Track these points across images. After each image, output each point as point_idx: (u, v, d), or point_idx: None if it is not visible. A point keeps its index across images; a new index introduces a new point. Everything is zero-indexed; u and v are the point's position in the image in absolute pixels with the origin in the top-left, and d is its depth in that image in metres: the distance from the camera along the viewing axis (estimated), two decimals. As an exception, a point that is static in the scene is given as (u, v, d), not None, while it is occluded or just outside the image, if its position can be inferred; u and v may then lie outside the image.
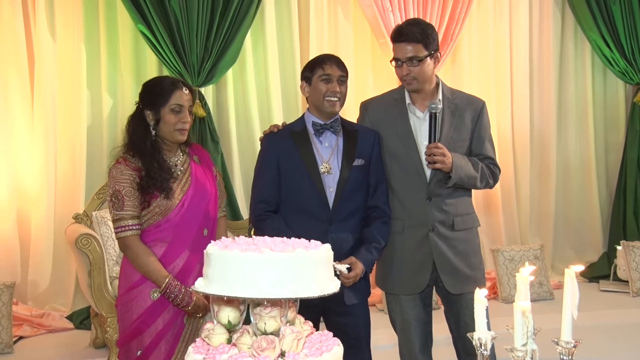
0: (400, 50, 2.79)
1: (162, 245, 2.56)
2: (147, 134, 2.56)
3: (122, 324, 2.61)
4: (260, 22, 5.23)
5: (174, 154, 2.63)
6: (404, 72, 2.79)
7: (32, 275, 4.82)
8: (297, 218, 2.71)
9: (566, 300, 1.71)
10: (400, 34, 2.79)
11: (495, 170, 2.92)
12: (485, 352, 1.75)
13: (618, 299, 5.26)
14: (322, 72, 2.70)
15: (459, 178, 2.76)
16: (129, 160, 2.55)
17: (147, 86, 2.64)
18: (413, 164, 2.81)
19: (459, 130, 2.84)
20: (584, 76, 6.09)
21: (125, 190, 2.51)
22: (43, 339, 4.54)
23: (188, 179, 2.62)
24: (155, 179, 2.52)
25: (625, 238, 5.72)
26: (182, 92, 2.58)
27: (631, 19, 5.80)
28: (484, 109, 2.92)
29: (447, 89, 2.93)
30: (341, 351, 1.74)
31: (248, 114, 5.27)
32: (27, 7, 4.79)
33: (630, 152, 5.93)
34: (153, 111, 2.56)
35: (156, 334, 2.55)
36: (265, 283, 1.63)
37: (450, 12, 5.41)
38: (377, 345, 2.96)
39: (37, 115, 4.82)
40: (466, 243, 2.87)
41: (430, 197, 2.81)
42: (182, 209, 2.57)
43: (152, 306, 2.54)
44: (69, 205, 4.81)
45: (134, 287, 2.56)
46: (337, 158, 2.74)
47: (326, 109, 2.71)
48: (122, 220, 2.51)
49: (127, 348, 2.58)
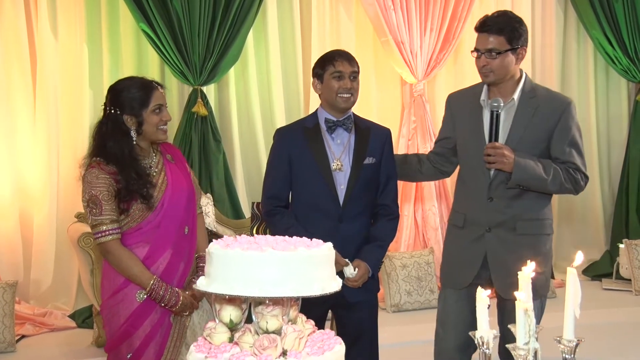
0: (481, 41, 2.72)
1: (144, 247, 2.53)
2: (125, 141, 2.51)
3: (110, 329, 2.57)
4: (262, 20, 5.22)
5: (148, 156, 2.60)
6: (481, 64, 2.72)
7: (34, 274, 4.83)
8: (308, 214, 2.72)
9: (568, 298, 1.70)
10: (484, 24, 2.72)
11: (577, 175, 2.72)
12: (487, 350, 1.74)
13: (620, 298, 5.26)
14: (334, 69, 2.68)
15: (521, 179, 2.66)
16: (103, 164, 2.50)
17: (119, 91, 2.55)
18: (479, 162, 2.74)
19: (534, 130, 2.71)
20: (586, 74, 6.09)
21: (102, 195, 2.47)
22: (45, 338, 4.55)
23: (164, 179, 2.59)
24: (134, 191, 2.48)
25: (627, 236, 5.72)
26: (159, 90, 2.56)
27: (634, 17, 5.79)
28: (568, 110, 2.72)
29: (530, 85, 2.78)
30: (343, 350, 1.74)
31: (250, 113, 5.27)
32: (30, 7, 4.79)
33: (633, 150, 5.93)
34: (133, 115, 2.51)
35: (145, 336, 2.53)
36: (267, 282, 1.63)
37: (452, 10, 5.40)
38: (380, 343, 2.96)
39: (39, 114, 4.82)
40: (531, 249, 2.66)
41: (491, 198, 2.74)
42: (162, 209, 2.55)
43: (139, 308, 2.52)
44: (72, 204, 4.80)
45: (119, 291, 2.53)
46: (349, 155, 2.74)
47: (339, 105, 2.71)
48: (101, 225, 2.48)
49: (116, 352, 2.55)
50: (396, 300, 4.91)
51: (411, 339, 4.29)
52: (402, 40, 5.30)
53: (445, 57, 5.45)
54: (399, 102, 5.61)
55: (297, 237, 1.81)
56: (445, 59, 5.45)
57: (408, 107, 5.48)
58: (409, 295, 4.92)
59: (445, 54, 5.43)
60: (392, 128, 5.61)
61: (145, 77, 2.62)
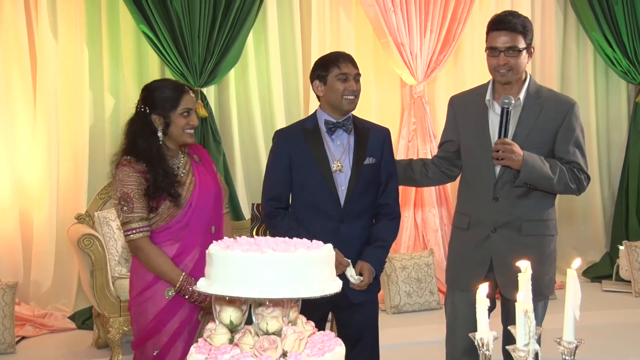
0: (499, 39, 2.71)
1: (173, 246, 2.57)
2: (153, 140, 2.57)
3: (138, 326, 2.61)
4: (262, 22, 5.23)
5: (176, 156, 2.65)
6: (500, 62, 2.71)
7: (34, 275, 4.83)
8: (309, 216, 2.72)
9: (568, 300, 1.71)
10: (501, 22, 2.73)
11: (581, 175, 2.77)
12: (487, 352, 1.75)
13: (620, 299, 5.26)
14: (339, 71, 2.69)
15: (530, 177, 2.67)
16: (134, 163, 2.55)
17: (151, 91, 2.62)
18: (484, 161, 2.76)
19: (539, 131, 2.73)
20: (586, 76, 6.09)
21: (133, 193, 2.51)
22: (45, 339, 4.54)
23: (192, 180, 2.64)
24: (162, 188, 2.53)
25: (627, 238, 5.71)
26: (189, 95, 2.61)
27: (633, 19, 5.79)
28: (572, 111, 2.76)
29: (534, 86, 2.82)
30: (343, 351, 1.74)
31: (250, 115, 5.27)
32: (30, 8, 4.79)
33: (633, 152, 5.93)
34: (162, 116, 2.57)
35: (173, 333, 2.56)
36: (267, 283, 1.63)
37: (452, 11, 5.40)
38: (380, 345, 2.96)
39: (39, 115, 4.82)
40: (536, 250, 2.74)
41: (497, 198, 2.75)
42: (190, 209, 2.59)
43: (168, 305, 2.56)
44: (71, 205, 4.81)
45: (148, 288, 2.57)
46: (349, 156, 2.74)
47: (344, 107, 2.72)
48: (132, 222, 2.52)
49: (142, 349, 2.59)
50: (396, 302, 4.91)
51: (411, 341, 4.30)
52: (402, 41, 5.31)
53: (445, 59, 5.45)
54: (398, 103, 5.61)
55: (297, 239, 1.82)
56: (445, 61, 5.46)
57: (408, 108, 5.49)
58: (408, 296, 4.92)
59: (445, 56, 5.44)
60: (392, 129, 5.60)
61: (178, 81, 2.69)
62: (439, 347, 3.07)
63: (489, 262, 2.78)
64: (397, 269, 4.95)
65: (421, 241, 5.47)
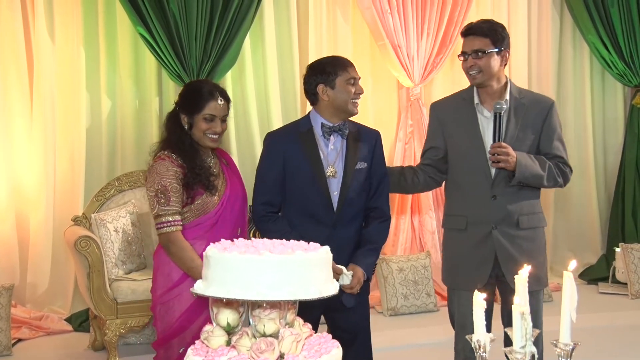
0: (467, 44, 2.86)
1: (202, 243, 2.59)
2: (183, 135, 2.66)
3: (163, 324, 2.63)
4: (259, 24, 5.23)
5: (207, 155, 2.73)
6: (468, 65, 2.84)
7: (30, 277, 4.81)
8: (302, 221, 2.72)
9: (565, 302, 1.71)
10: (468, 29, 2.88)
11: (566, 169, 2.93)
12: (483, 354, 1.75)
13: (617, 301, 5.26)
14: (349, 75, 2.72)
15: (524, 177, 2.80)
16: (172, 158, 2.62)
17: (186, 90, 2.75)
18: (479, 163, 2.87)
19: (525, 130, 2.88)
20: (582, 79, 6.10)
21: (172, 186, 2.57)
22: (41, 342, 4.53)
23: (224, 180, 2.72)
24: (200, 175, 2.60)
25: (623, 240, 5.73)
26: (217, 102, 2.66)
27: (629, 22, 5.81)
28: (552, 109, 2.94)
29: (515, 88, 2.96)
30: (340, 353, 1.74)
31: (247, 117, 5.27)
32: (27, 10, 4.79)
33: (629, 154, 5.94)
34: (187, 116, 2.66)
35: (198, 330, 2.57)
36: (264, 285, 1.63)
37: (449, 14, 5.42)
38: (377, 347, 2.96)
39: (36, 117, 4.82)
40: (531, 242, 2.91)
41: (494, 196, 2.86)
42: (222, 207, 2.67)
43: (194, 303, 2.58)
44: (68, 207, 4.80)
45: (175, 286, 2.61)
46: (342, 161, 2.75)
47: (352, 111, 2.74)
48: (167, 215, 2.57)
49: (168, 346, 2.61)
50: (393, 304, 4.91)
51: (408, 343, 4.30)
52: (399, 44, 5.32)
53: (442, 61, 5.46)
54: (395, 106, 5.62)
55: (294, 241, 1.82)
56: (442, 63, 5.47)
57: (405, 111, 5.50)
58: (405, 298, 4.93)
59: (442, 58, 5.45)
60: (388, 132, 5.68)
61: (217, 85, 2.78)
62: (436, 349, 3.08)
63: (492, 259, 2.86)
64: (393, 271, 4.95)
65: (418, 243, 5.48)
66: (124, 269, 4.16)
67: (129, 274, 4.16)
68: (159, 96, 5.07)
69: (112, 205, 4.38)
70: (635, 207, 5.91)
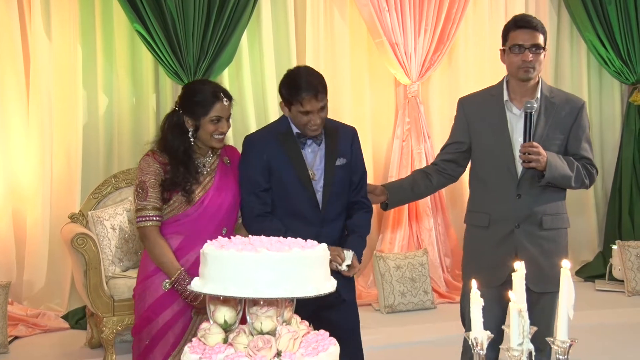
0: (526, 37, 2.80)
1: (178, 238, 2.66)
2: (183, 139, 2.66)
3: (137, 313, 2.71)
4: (257, 22, 5.22)
5: (204, 155, 2.73)
6: (528, 58, 2.79)
7: (27, 275, 4.81)
8: (289, 221, 2.74)
9: (562, 299, 1.71)
10: (528, 21, 2.84)
11: (592, 170, 2.92)
12: (481, 351, 1.75)
13: (613, 299, 5.27)
14: (302, 108, 2.65)
15: (553, 177, 2.78)
16: (157, 154, 2.66)
17: (188, 92, 2.71)
18: (505, 160, 2.85)
19: (554, 129, 2.87)
20: (579, 76, 6.10)
21: (150, 182, 2.61)
22: (38, 339, 4.52)
23: (212, 179, 2.70)
24: (177, 184, 2.62)
25: (620, 237, 5.73)
26: (223, 103, 2.66)
27: (626, 19, 5.81)
28: (582, 109, 2.94)
29: (546, 87, 2.94)
30: (337, 350, 1.74)
31: (244, 114, 5.26)
32: (23, 7, 4.77)
33: (626, 152, 5.95)
34: (192, 119, 2.65)
35: (164, 324, 2.64)
36: (262, 282, 1.63)
37: (447, 12, 5.41)
38: (374, 345, 2.97)
39: (32, 114, 4.81)
40: (553, 243, 2.89)
41: (519, 194, 2.85)
42: (201, 206, 2.66)
43: (163, 296, 2.64)
44: (65, 204, 4.79)
45: (148, 277, 2.66)
46: (321, 161, 2.77)
47: (309, 134, 2.72)
48: (144, 210, 2.62)
49: (139, 337, 2.67)
50: (390, 302, 4.91)
51: (405, 340, 4.30)
52: (397, 41, 5.31)
53: (439, 59, 5.46)
54: (393, 103, 5.62)
55: (291, 238, 1.82)
56: (439, 61, 5.46)
57: (402, 108, 5.49)
58: (402, 296, 4.93)
59: (439, 55, 5.44)
60: (386, 129, 5.68)
61: (218, 85, 2.74)
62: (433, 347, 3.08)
63: (513, 258, 2.84)
64: (391, 269, 4.96)
65: (415, 240, 5.48)
66: (121, 266, 4.16)
67: (125, 271, 4.15)
68: (155, 93, 5.06)
69: (109, 202, 4.38)
70: (632, 204, 5.92)
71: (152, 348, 2.63)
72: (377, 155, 5.61)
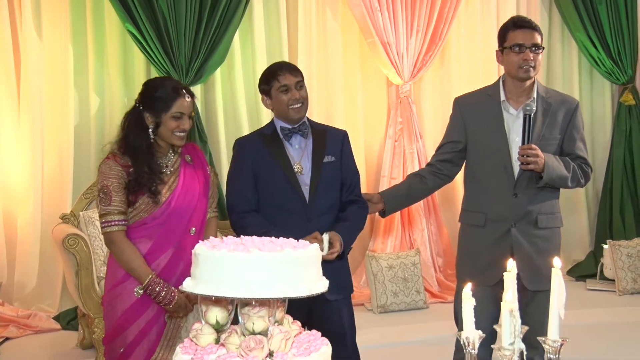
0: (527, 36, 2.84)
1: (147, 242, 2.58)
2: (144, 136, 2.58)
3: (108, 321, 2.63)
4: (249, 21, 5.22)
5: (166, 154, 2.66)
6: (529, 57, 2.82)
7: (18, 275, 4.79)
8: (278, 217, 2.76)
9: (553, 299, 1.72)
10: (527, 21, 2.88)
11: (587, 169, 2.96)
12: (473, 351, 1.75)
13: (604, 298, 5.29)
14: (279, 84, 2.74)
15: (550, 179, 2.82)
16: (118, 157, 2.57)
17: (149, 88, 2.65)
18: (502, 160, 2.88)
19: (550, 129, 2.89)
20: (571, 76, 6.13)
21: (113, 186, 2.54)
22: (29, 340, 4.51)
23: (176, 179, 2.64)
24: (142, 184, 2.54)
25: (611, 237, 5.76)
26: (184, 99, 2.61)
27: (617, 20, 5.84)
28: (577, 109, 2.97)
29: (542, 87, 2.97)
30: (329, 351, 1.74)
31: (236, 114, 5.26)
32: (13, 6, 4.75)
33: (617, 152, 5.97)
34: (153, 115, 2.59)
35: (139, 332, 2.56)
36: (254, 283, 1.63)
37: (439, 12, 5.42)
38: (367, 344, 2.97)
39: (23, 114, 4.79)
40: (548, 241, 2.93)
41: (516, 194, 2.88)
42: (169, 207, 2.59)
43: (136, 303, 2.56)
44: (56, 205, 4.77)
45: (119, 284, 2.58)
46: (308, 157, 2.81)
47: (292, 117, 2.78)
48: (109, 215, 2.54)
49: (112, 346, 2.59)
50: (382, 301, 4.91)
51: (397, 340, 4.30)
52: (389, 41, 5.32)
53: (431, 59, 5.47)
54: (385, 103, 5.62)
55: (283, 238, 1.81)
56: (431, 61, 5.48)
57: (394, 108, 5.50)
58: (395, 296, 4.93)
59: (431, 55, 5.45)
60: (378, 129, 5.68)
61: (180, 82, 2.70)
62: (426, 346, 3.09)
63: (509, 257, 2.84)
64: (383, 268, 4.96)
65: (407, 241, 5.48)
66: (113, 267, 4.14)
67: (117, 272, 4.13)
68: (147, 93, 5.04)
69: (100, 203, 4.35)
70: (622, 204, 5.95)
71: (127, 356, 2.56)
72: (370, 155, 5.62)
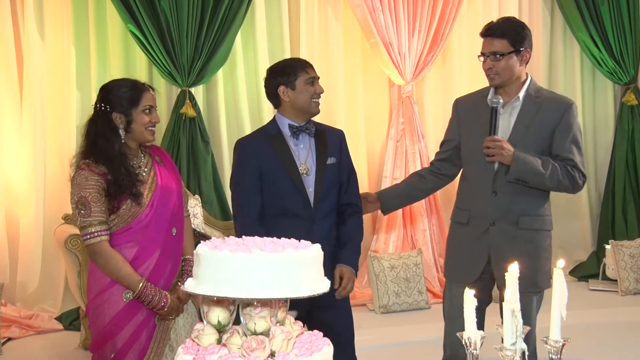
0: (486, 45, 2.87)
1: (133, 248, 2.53)
2: (115, 139, 2.53)
3: (95, 328, 2.56)
4: (251, 22, 5.22)
5: (136, 156, 2.61)
6: (486, 67, 2.86)
7: (21, 276, 4.79)
8: (282, 220, 2.75)
9: (555, 299, 1.72)
10: (488, 29, 2.88)
11: (575, 173, 2.84)
12: (474, 351, 1.75)
13: (607, 298, 5.29)
14: (308, 76, 2.77)
15: (520, 172, 2.77)
16: (92, 166, 2.50)
17: (112, 89, 2.58)
18: (483, 157, 2.85)
19: (537, 129, 2.85)
20: (573, 76, 6.12)
21: (91, 197, 2.47)
22: (32, 340, 4.51)
23: (154, 179, 2.61)
24: (123, 186, 2.49)
25: (614, 237, 5.75)
26: (150, 92, 2.59)
27: (619, 20, 5.84)
28: (569, 110, 2.89)
29: (534, 87, 2.94)
30: (331, 351, 1.74)
31: (238, 114, 5.26)
32: (16, 7, 4.76)
33: (619, 152, 5.97)
34: (123, 114, 2.53)
35: (129, 336, 2.52)
36: (255, 283, 1.63)
37: (440, 12, 5.42)
38: (369, 345, 2.97)
39: (26, 115, 4.79)
40: (529, 243, 2.88)
41: (495, 192, 2.86)
42: (152, 210, 2.56)
43: (125, 308, 2.52)
44: (58, 205, 4.78)
45: (105, 290, 2.52)
46: (313, 158, 2.80)
47: (313, 110, 2.79)
48: (90, 226, 2.47)
49: (100, 352, 2.54)
50: (384, 302, 4.91)
51: (400, 340, 4.30)
52: (390, 41, 5.32)
53: (433, 59, 5.47)
54: (387, 103, 5.62)
55: (285, 239, 1.81)
56: (433, 61, 5.47)
57: (396, 108, 5.50)
58: (397, 296, 4.93)
59: (433, 56, 5.45)
60: (380, 129, 5.68)
61: (137, 80, 2.65)
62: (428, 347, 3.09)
63: (487, 255, 2.87)
64: (385, 269, 4.96)
65: (409, 241, 5.48)
66: (115, 267, 4.14)
67: (119, 272, 4.14)
68: (149, 94, 5.05)
69: (102, 203, 4.36)
70: (625, 204, 5.94)
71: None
72: (371, 155, 5.61)
